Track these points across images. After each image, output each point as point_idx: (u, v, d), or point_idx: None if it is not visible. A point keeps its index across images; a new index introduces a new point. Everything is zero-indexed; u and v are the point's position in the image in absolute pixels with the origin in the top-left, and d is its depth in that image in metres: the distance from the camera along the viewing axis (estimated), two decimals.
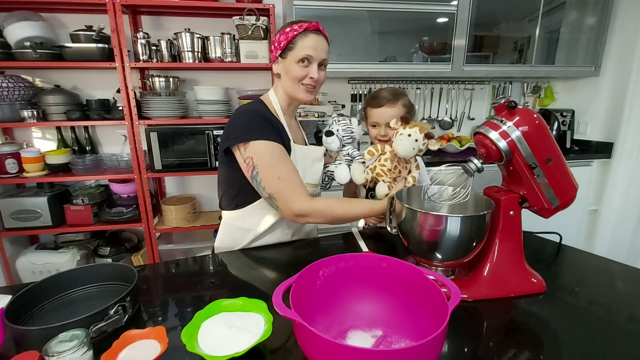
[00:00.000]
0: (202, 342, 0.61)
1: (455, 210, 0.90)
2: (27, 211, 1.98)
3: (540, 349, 0.64)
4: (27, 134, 2.23)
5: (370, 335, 0.65)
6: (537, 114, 0.77)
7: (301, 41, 1.00)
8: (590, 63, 2.50)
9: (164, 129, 2.00)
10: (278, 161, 0.99)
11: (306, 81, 1.03)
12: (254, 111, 1.03)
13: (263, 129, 1.00)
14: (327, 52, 1.05)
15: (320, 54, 1.02)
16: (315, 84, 1.05)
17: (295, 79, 1.03)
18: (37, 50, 1.81)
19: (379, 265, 0.70)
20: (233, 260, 1.03)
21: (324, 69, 1.07)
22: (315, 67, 1.02)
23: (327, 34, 1.07)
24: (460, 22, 2.23)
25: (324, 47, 1.04)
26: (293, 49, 1.01)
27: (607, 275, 0.95)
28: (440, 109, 2.74)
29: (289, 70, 1.03)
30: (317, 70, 1.03)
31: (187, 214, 2.19)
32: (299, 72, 1.02)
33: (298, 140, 1.14)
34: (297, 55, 1.01)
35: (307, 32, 1.01)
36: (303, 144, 1.17)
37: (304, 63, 1.01)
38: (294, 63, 1.02)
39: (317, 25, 1.03)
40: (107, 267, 0.83)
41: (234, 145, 1.00)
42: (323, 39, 1.04)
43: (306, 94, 1.06)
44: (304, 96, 1.06)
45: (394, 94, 1.23)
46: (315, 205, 0.99)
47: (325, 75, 1.08)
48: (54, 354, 0.52)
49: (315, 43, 1.01)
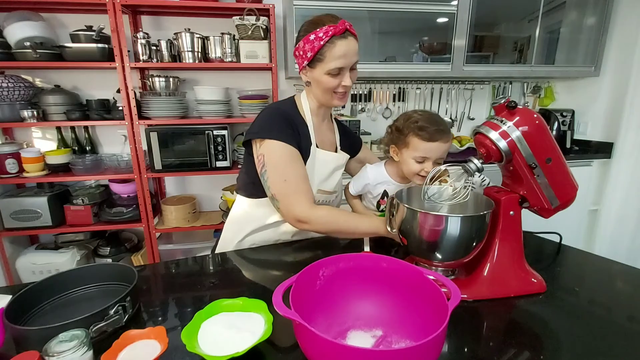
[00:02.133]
0: (202, 342, 0.61)
1: (455, 210, 0.90)
2: (27, 211, 1.98)
3: (540, 349, 0.64)
4: (27, 134, 2.23)
5: (370, 335, 0.65)
6: (537, 114, 0.77)
7: (330, 52, 0.93)
8: (590, 63, 2.50)
9: (164, 129, 2.00)
10: (288, 164, 0.97)
11: (339, 90, 0.99)
12: (280, 110, 1.02)
13: (281, 129, 0.97)
14: (357, 53, 0.98)
15: (351, 59, 0.96)
16: (347, 90, 1.00)
17: (328, 90, 0.99)
18: (37, 50, 1.81)
19: (379, 265, 0.70)
20: (233, 260, 1.03)
21: (355, 68, 1.00)
22: (347, 74, 0.97)
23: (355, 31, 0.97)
24: (460, 22, 2.22)
25: (355, 49, 0.96)
26: (322, 60, 0.95)
27: (607, 275, 0.95)
28: (440, 109, 2.74)
29: (320, 81, 0.98)
30: (349, 75, 0.97)
31: (187, 214, 2.19)
32: (330, 83, 0.97)
33: (325, 144, 1.11)
34: (328, 67, 0.94)
35: (335, 39, 0.92)
36: (331, 149, 1.14)
37: (336, 73, 0.96)
38: (324, 75, 0.96)
39: (345, 26, 0.94)
40: (107, 267, 0.83)
41: (253, 140, 1.01)
42: (353, 41, 0.95)
43: (339, 101, 1.02)
44: (337, 103, 1.03)
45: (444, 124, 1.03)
46: (317, 213, 0.96)
47: (356, 75, 1.02)
48: (54, 354, 0.52)
49: (346, 50, 0.93)
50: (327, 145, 1.12)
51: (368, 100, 2.62)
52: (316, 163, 1.05)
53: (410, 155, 1.03)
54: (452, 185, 0.89)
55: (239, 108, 2.21)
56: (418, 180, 1.05)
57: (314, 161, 1.04)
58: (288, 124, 0.99)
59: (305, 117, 1.05)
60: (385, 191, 1.16)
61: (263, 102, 2.16)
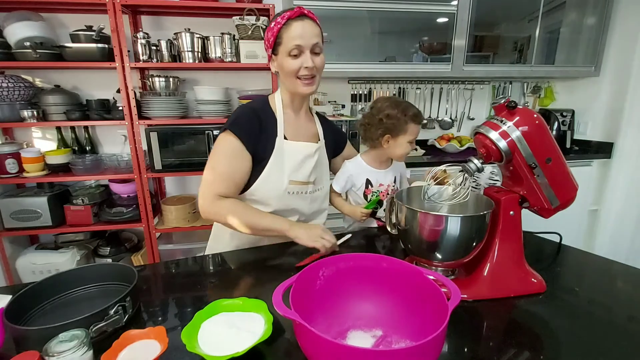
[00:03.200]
0: (202, 342, 0.61)
1: (455, 210, 0.90)
2: (27, 211, 1.98)
3: (540, 349, 0.64)
4: (27, 134, 2.23)
5: (370, 335, 0.65)
6: (537, 114, 0.77)
7: (287, 33, 0.97)
8: (590, 63, 2.50)
9: (164, 129, 2.00)
10: (224, 155, 1.01)
11: (302, 72, 0.99)
12: (248, 106, 1.07)
13: (239, 123, 1.02)
14: (318, 35, 0.99)
15: (310, 39, 0.97)
16: (312, 72, 1.00)
17: (291, 74, 1.00)
18: (37, 50, 1.81)
19: (379, 265, 0.70)
20: (233, 260, 1.03)
21: (320, 53, 1.01)
22: (308, 54, 0.97)
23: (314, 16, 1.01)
24: (460, 22, 2.22)
25: (313, 31, 0.98)
26: (281, 43, 0.98)
27: (607, 275, 0.95)
28: (440, 109, 2.74)
29: (283, 65, 1.00)
30: (311, 57, 0.98)
31: (187, 214, 2.19)
32: (292, 65, 0.98)
33: (299, 135, 1.11)
34: (287, 49, 0.97)
35: (290, 21, 0.96)
36: (311, 140, 1.14)
37: (295, 54, 0.97)
38: (285, 57, 0.99)
39: (300, 10, 0.98)
40: (107, 267, 0.83)
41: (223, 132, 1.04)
42: (310, 23, 0.98)
43: (305, 87, 1.02)
44: (302, 90, 1.02)
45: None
46: (218, 204, 1.00)
47: (322, 61, 1.02)
48: (54, 354, 0.52)
49: (302, 30, 0.96)
50: (303, 136, 1.13)
51: (368, 100, 2.61)
52: (285, 154, 1.06)
53: (406, 139, 1.19)
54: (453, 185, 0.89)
55: None
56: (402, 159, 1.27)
57: (282, 152, 1.05)
58: (251, 119, 1.03)
59: (276, 111, 1.08)
60: (367, 179, 1.25)
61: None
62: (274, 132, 1.06)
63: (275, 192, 1.06)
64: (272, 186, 1.06)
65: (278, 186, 1.06)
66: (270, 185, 1.06)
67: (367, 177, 1.25)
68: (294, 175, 1.08)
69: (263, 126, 1.04)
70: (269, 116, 1.07)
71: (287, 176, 1.06)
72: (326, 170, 1.21)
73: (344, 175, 1.25)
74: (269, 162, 1.04)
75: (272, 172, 1.05)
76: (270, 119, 1.06)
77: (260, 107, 1.07)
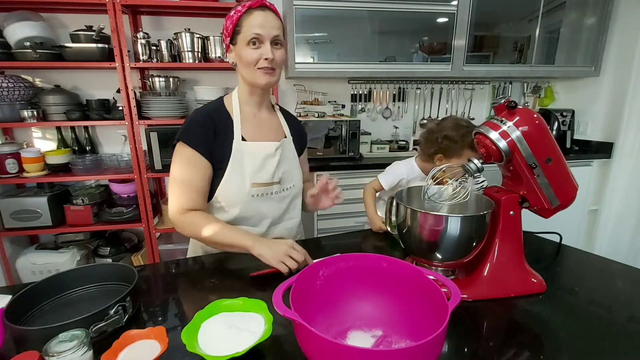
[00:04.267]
0: (202, 342, 0.61)
1: (455, 210, 0.90)
2: (27, 211, 1.98)
3: (540, 349, 0.64)
4: (27, 134, 2.23)
5: (370, 335, 0.65)
6: (537, 114, 0.77)
7: (247, 21, 0.94)
8: (590, 63, 2.50)
9: (164, 129, 2.00)
10: (180, 166, 0.99)
11: (261, 64, 0.95)
12: (201, 111, 1.03)
13: (191, 131, 0.99)
14: (279, 28, 0.97)
15: (270, 31, 0.94)
16: (272, 65, 0.96)
17: (250, 64, 0.96)
18: (37, 50, 1.81)
19: (379, 265, 0.70)
20: (233, 260, 1.03)
21: (281, 48, 0.98)
22: (268, 46, 0.94)
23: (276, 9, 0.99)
24: (460, 22, 2.23)
25: (274, 23, 0.95)
26: (240, 32, 0.95)
27: (607, 275, 0.95)
28: (440, 109, 2.74)
29: (241, 55, 0.96)
30: (271, 49, 0.95)
31: None
32: (251, 55, 0.95)
33: (260, 135, 1.06)
34: (246, 37, 0.94)
35: (251, 10, 0.94)
36: (274, 139, 1.08)
37: (255, 45, 0.94)
38: (244, 46, 0.95)
39: (262, 1, 0.96)
40: (107, 267, 0.83)
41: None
42: (271, 15, 0.96)
43: (265, 77, 0.97)
44: (262, 80, 0.98)
45: None
46: (184, 218, 0.99)
47: (282, 55, 0.99)
48: (54, 354, 0.52)
49: (262, 20, 0.94)
50: (264, 134, 1.07)
51: (368, 100, 2.62)
52: (244, 156, 1.01)
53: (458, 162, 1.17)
54: (452, 185, 0.89)
55: None
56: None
57: (240, 155, 1.01)
58: (204, 125, 0.99)
59: (232, 112, 1.04)
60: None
61: None
62: (230, 135, 1.01)
63: (239, 196, 1.02)
64: (234, 190, 1.02)
65: (240, 190, 1.02)
66: (232, 189, 1.02)
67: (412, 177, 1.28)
68: (256, 177, 1.03)
69: (217, 130, 1.00)
70: (224, 118, 1.02)
71: (248, 179, 1.02)
72: (296, 166, 1.14)
73: (395, 175, 1.25)
74: (228, 167, 1.00)
75: (232, 176, 1.01)
76: (225, 120, 1.02)
77: (214, 109, 1.03)
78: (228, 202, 1.03)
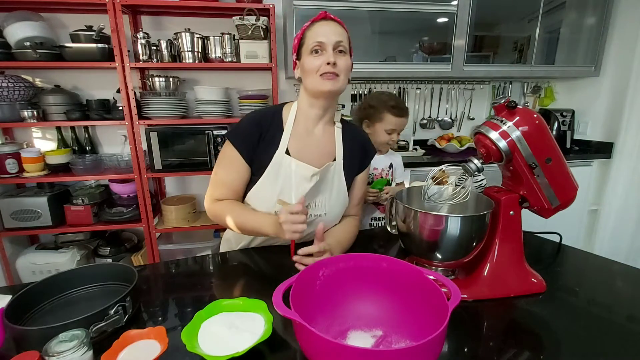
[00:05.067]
0: (202, 342, 0.61)
1: (455, 210, 0.90)
2: (27, 211, 1.98)
3: (540, 349, 0.64)
4: (27, 134, 2.23)
5: (370, 335, 0.65)
6: (537, 114, 0.77)
7: (309, 33, 0.95)
8: (590, 63, 2.50)
9: (164, 129, 2.00)
10: (223, 162, 1.03)
11: (323, 69, 0.92)
12: (256, 113, 1.04)
13: (237, 131, 1.00)
14: (342, 35, 0.95)
15: (332, 37, 0.93)
16: (335, 70, 0.93)
17: (312, 71, 0.94)
18: (37, 50, 1.81)
19: (379, 265, 0.70)
20: (233, 260, 1.03)
21: (345, 55, 0.95)
22: (330, 52, 0.92)
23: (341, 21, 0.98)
24: (460, 22, 2.22)
25: (336, 30, 0.94)
26: (304, 44, 0.96)
27: (607, 275, 0.95)
28: (440, 109, 2.74)
29: (304, 65, 0.96)
30: (334, 54, 0.93)
31: (187, 214, 2.19)
32: (313, 62, 0.93)
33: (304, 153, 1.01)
34: (308, 47, 0.94)
35: (314, 23, 0.96)
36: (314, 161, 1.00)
37: (317, 53, 0.93)
38: (307, 56, 0.95)
39: (324, 14, 0.96)
40: (107, 267, 0.83)
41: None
42: (334, 24, 0.95)
43: (327, 83, 0.93)
44: (324, 86, 0.94)
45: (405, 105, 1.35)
46: (215, 207, 1.02)
47: (347, 62, 0.96)
48: (54, 354, 0.52)
49: (325, 29, 0.93)
50: (311, 154, 1.02)
51: None
52: (281, 170, 0.99)
53: (383, 127, 1.31)
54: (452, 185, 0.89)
55: (239, 108, 2.21)
56: (384, 148, 1.37)
57: (278, 168, 0.99)
58: (250, 127, 1.00)
59: (285, 122, 1.02)
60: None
61: (263, 102, 2.16)
62: (275, 144, 1.00)
63: (263, 207, 1.01)
64: (261, 202, 1.01)
65: (266, 202, 1.00)
66: (259, 200, 1.01)
67: None
68: (284, 195, 0.99)
69: (264, 136, 1.00)
70: (276, 126, 1.01)
71: (276, 195, 0.99)
72: (336, 193, 1.05)
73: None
74: (263, 176, 0.99)
75: (263, 186, 1.00)
76: (275, 128, 1.01)
77: (268, 115, 1.02)
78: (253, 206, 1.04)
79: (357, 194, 1.14)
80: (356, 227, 1.13)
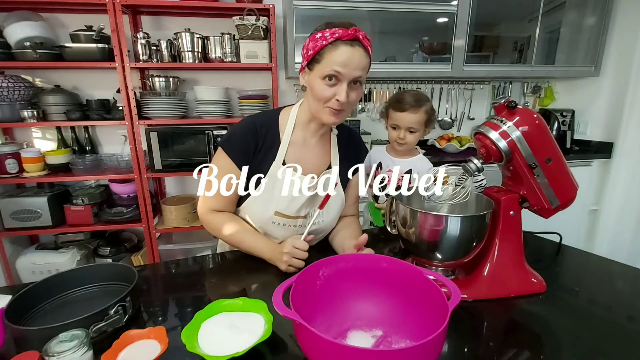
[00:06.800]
0: (202, 342, 0.61)
1: (455, 210, 0.90)
2: (27, 211, 1.98)
3: (540, 349, 0.64)
4: (27, 134, 2.23)
5: (370, 335, 0.65)
6: (537, 114, 0.77)
7: (329, 54, 0.82)
8: (590, 63, 2.50)
9: (164, 129, 2.00)
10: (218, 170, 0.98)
11: (331, 104, 0.86)
12: (249, 120, 0.98)
13: (232, 140, 0.96)
14: (364, 69, 0.86)
15: (353, 71, 0.83)
16: (343, 107, 0.87)
17: (320, 100, 0.87)
18: (37, 50, 1.81)
19: (379, 265, 0.70)
20: (233, 260, 1.03)
21: (359, 88, 0.88)
22: (345, 87, 0.84)
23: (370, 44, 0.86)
24: (460, 22, 2.22)
25: (360, 62, 0.83)
26: (320, 62, 0.84)
27: (607, 275, 0.95)
28: (440, 109, 2.74)
29: (313, 86, 0.87)
30: (347, 92, 0.84)
31: (187, 214, 2.19)
32: (323, 91, 0.85)
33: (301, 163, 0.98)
34: (323, 71, 0.83)
35: (339, 42, 0.82)
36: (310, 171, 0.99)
37: (331, 81, 0.84)
38: (318, 79, 0.85)
39: (355, 34, 0.82)
40: (107, 267, 0.83)
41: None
42: (360, 52, 0.83)
43: (330, 117, 0.89)
44: (327, 119, 0.89)
45: (418, 99, 1.24)
46: (210, 219, 1.00)
47: (358, 95, 0.89)
48: (54, 354, 0.52)
49: (348, 58, 0.82)
50: (307, 163, 0.99)
51: (368, 100, 2.62)
52: (277, 181, 0.96)
53: (389, 123, 1.32)
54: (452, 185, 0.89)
55: (239, 108, 2.21)
56: (397, 146, 1.33)
57: (274, 179, 0.96)
58: (246, 137, 0.95)
59: (282, 132, 0.98)
60: (379, 163, 1.38)
61: (263, 102, 2.16)
62: (272, 155, 0.96)
63: (260, 219, 0.99)
64: (257, 213, 0.99)
65: (263, 214, 0.98)
66: (255, 211, 0.99)
67: (380, 161, 1.37)
68: (281, 206, 0.97)
69: (260, 146, 0.96)
70: (272, 136, 0.96)
71: (273, 206, 0.97)
72: (333, 200, 1.02)
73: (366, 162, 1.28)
74: (259, 187, 0.97)
75: (260, 197, 0.97)
76: (272, 139, 0.96)
77: (264, 123, 0.97)
78: (250, 218, 1.02)
79: (353, 193, 1.12)
80: (360, 227, 1.14)
